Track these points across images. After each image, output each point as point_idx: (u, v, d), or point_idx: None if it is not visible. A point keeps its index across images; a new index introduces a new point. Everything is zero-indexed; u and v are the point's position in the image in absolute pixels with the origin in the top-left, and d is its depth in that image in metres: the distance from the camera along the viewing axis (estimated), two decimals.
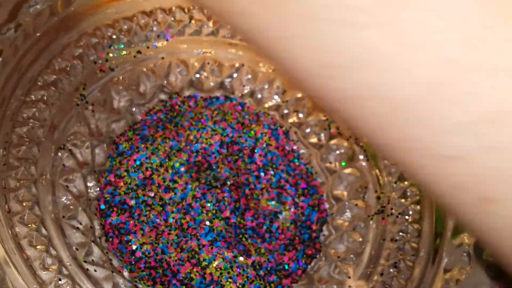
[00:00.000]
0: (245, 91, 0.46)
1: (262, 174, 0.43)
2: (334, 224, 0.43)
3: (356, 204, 0.43)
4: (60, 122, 0.39)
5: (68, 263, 0.33)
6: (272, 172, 0.43)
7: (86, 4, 0.39)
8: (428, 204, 0.41)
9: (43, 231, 0.33)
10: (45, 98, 0.38)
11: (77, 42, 0.40)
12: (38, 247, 0.32)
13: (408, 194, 0.42)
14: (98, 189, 0.40)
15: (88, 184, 0.39)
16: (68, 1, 0.38)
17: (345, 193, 0.44)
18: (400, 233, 0.40)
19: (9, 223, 0.32)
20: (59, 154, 0.38)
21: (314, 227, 0.43)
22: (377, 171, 0.43)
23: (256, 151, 0.43)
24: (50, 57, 0.38)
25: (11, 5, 0.36)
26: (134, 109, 0.44)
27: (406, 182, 0.42)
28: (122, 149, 0.42)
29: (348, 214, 0.43)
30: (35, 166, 0.36)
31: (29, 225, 0.33)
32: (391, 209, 0.41)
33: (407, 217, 0.41)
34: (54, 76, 0.39)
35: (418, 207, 0.41)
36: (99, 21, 0.41)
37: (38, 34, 0.37)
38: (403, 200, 0.42)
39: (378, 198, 0.42)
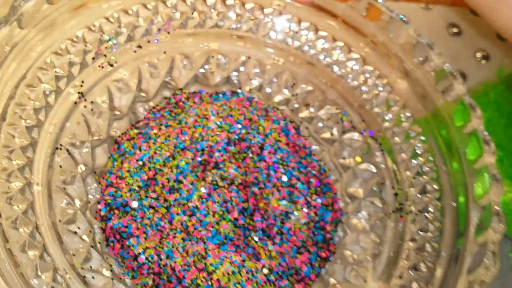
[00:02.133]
0: (253, 85, 0.44)
1: (272, 172, 0.41)
2: (349, 224, 0.41)
3: (373, 202, 0.41)
4: (57, 122, 0.37)
5: (64, 270, 0.31)
6: (282, 170, 0.41)
7: None
8: (450, 200, 0.38)
9: (37, 236, 0.32)
10: (40, 96, 0.36)
11: (74, 36, 0.38)
12: (30, 253, 0.30)
13: (428, 189, 0.39)
14: (98, 191, 0.38)
15: (88, 186, 0.37)
16: None
17: (361, 191, 0.41)
18: (420, 232, 0.38)
19: (0, 228, 0.30)
20: (56, 155, 0.36)
21: (328, 228, 0.40)
22: (394, 166, 0.41)
23: (265, 148, 0.41)
24: (44, 52, 0.36)
25: None
26: (136, 106, 0.42)
27: (425, 177, 0.39)
28: (124, 148, 0.40)
29: (364, 213, 0.41)
30: (30, 168, 0.34)
31: (22, 230, 0.31)
32: (410, 206, 0.39)
33: (427, 214, 0.38)
34: (50, 73, 0.37)
35: (439, 203, 0.38)
36: (97, 15, 0.39)
37: (32, 29, 0.35)
38: (422, 197, 0.39)
39: (396, 195, 0.40)
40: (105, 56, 0.40)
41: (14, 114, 0.34)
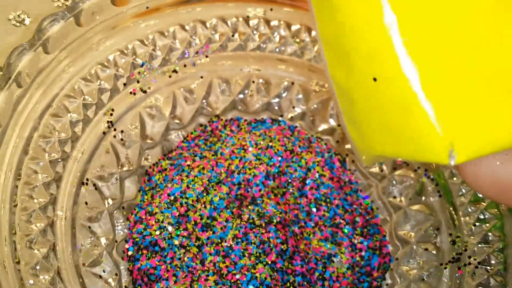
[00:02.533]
0: (296, 113, 0.41)
1: (314, 209, 0.38)
2: (398, 271, 0.37)
3: (426, 249, 0.37)
4: (83, 153, 0.34)
5: None
6: (325, 208, 0.38)
7: (113, 18, 0.35)
8: None
9: (58, 283, 0.29)
10: (66, 126, 0.33)
11: (105, 61, 0.36)
12: None
13: (490, 239, 0.35)
14: (126, 227, 0.35)
15: (115, 221, 0.35)
16: (93, 15, 0.33)
17: (412, 234, 0.38)
18: None
19: (17, 276, 0.28)
20: (82, 190, 0.33)
21: (375, 274, 0.37)
22: (451, 208, 0.37)
23: (307, 183, 0.38)
24: (72, 79, 0.34)
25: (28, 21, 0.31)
26: (169, 134, 0.39)
27: (487, 224, 0.35)
28: (155, 181, 0.37)
29: (416, 260, 0.37)
30: (53, 206, 0.31)
31: (42, 277, 0.28)
32: (469, 257, 0.35)
33: (488, 267, 0.34)
34: (77, 100, 0.34)
35: (502, 255, 0.34)
36: (129, 37, 0.36)
37: (59, 53, 0.33)
38: (484, 247, 0.35)
39: (453, 242, 0.36)
40: (138, 82, 0.37)
41: (38, 147, 0.32)
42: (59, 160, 0.33)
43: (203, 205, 0.36)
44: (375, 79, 0.16)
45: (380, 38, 0.16)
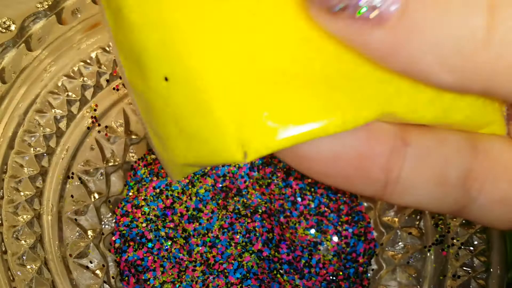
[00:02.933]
0: None
1: (298, 199, 0.38)
2: (384, 256, 0.37)
3: (410, 233, 0.37)
4: (69, 149, 0.35)
5: None
6: (310, 197, 0.38)
7: (95, 16, 0.36)
8: (497, 232, 0.34)
9: (46, 272, 0.29)
10: (51, 122, 0.34)
11: (87, 58, 0.36)
12: None
13: None
14: (113, 221, 0.36)
15: (101, 216, 0.35)
16: (75, 12, 0.34)
17: (396, 220, 0.38)
18: (464, 268, 0.34)
19: (5, 265, 0.28)
20: (68, 184, 0.34)
21: (360, 260, 0.37)
22: None
23: (291, 173, 0.38)
24: (56, 76, 0.35)
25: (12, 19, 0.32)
26: None
27: None
28: (140, 175, 0.38)
29: (400, 244, 0.37)
30: (39, 199, 0.32)
31: (29, 267, 0.29)
32: (452, 239, 0.35)
33: (472, 248, 0.35)
34: (61, 97, 0.35)
35: (485, 236, 0.35)
36: None
37: (42, 50, 0.34)
38: (466, 228, 0.35)
39: (436, 225, 0.36)
40: (120, 78, 0.37)
41: (23, 142, 0.32)
42: (44, 154, 0.33)
43: (188, 197, 0.36)
44: (166, 79, 0.16)
45: (166, 35, 0.15)
